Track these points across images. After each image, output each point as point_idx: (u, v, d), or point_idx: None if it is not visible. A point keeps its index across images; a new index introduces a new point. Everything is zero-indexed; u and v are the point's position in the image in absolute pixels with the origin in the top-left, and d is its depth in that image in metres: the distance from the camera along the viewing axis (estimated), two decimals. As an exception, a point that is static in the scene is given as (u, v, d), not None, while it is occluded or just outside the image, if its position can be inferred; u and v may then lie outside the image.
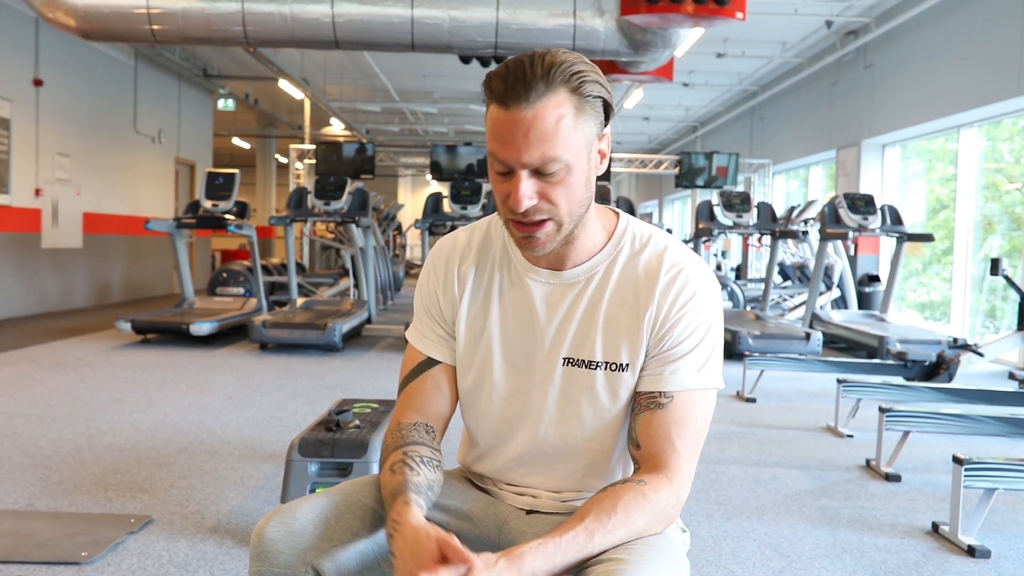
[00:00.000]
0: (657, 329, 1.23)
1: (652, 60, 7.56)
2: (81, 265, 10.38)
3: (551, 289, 1.28)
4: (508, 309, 1.31)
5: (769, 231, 8.86)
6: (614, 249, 1.28)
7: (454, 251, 1.36)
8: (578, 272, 1.27)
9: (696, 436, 1.23)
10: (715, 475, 3.52)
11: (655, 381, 1.23)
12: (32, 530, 2.62)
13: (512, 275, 1.31)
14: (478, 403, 1.34)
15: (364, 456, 2.49)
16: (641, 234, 1.30)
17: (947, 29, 8.35)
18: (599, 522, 1.11)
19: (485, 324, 1.32)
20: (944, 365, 5.54)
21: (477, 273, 1.34)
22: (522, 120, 1.11)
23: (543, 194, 1.16)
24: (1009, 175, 8.46)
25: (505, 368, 1.31)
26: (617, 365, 1.25)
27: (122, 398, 4.79)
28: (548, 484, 1.32)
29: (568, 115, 1.13)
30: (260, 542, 1.18)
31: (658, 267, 1.25)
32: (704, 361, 1.23)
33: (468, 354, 1.33)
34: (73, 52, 9.89)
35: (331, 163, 11.58)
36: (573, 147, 1.14)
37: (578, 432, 1.28)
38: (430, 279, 1.37)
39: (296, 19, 6.81)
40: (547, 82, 1.11)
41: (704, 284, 1.25)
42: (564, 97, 1.12)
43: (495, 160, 1.16)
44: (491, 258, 1.34)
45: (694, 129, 17.95)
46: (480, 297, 1.33)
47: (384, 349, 7.17)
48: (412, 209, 23.29)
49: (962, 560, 2.64)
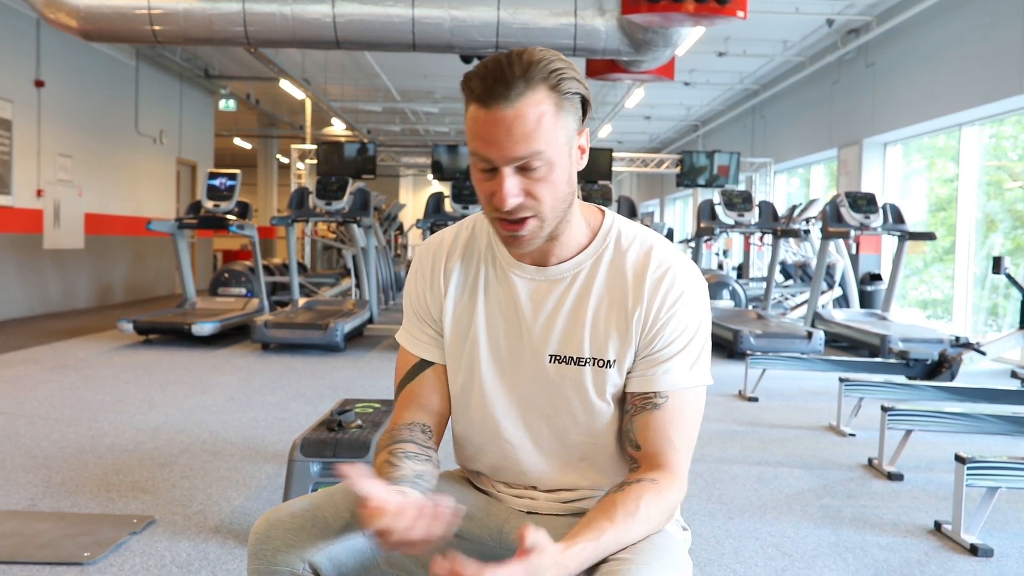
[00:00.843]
0: (647, 329, 1.24)
1: (653, 59, 7.56)
2: (83, 266, 10.39)
3: (536, 285, 1.29)
4: (494, 306, 1.31)
5: (771, 230, 8.86)
6: (600, 246, 1.28)
7: (440, 249, 1.37)
8: (563, 268, 1.28)
9: (692, 433, 1.25)
10: (717, 474, 3.52)
11: (648, 382, 1.24)
12: (35, 530, 2.62)
13: (497, 271, 1.32)
14: (469, 401, 1.34)
15: (366, 456, 2.49)
16: (627, 232, 1.30)
17: (948, 27, 8.35)
18: (626, 523, 1.12)
19: (471, 321, 1.32)
20: (946, 364, 5.53)
21: (462, 270, 1.34)
22: (503, 119, 1.12)
23: (527, 191, 1.17)
24: (1012, 172, 8.45)
25: (493, 366, 1.31)
26: (604, 362, 1.25)
27: (124, 399, 4.79)
28: (543, 483, 1.32)
29: (548, 112, 1.14)
30: (258, 540, 1.19)
31: (645, 265, 1.26)
32: (695, 359, 1.24)
33: (456, 353, 1.33)
34: (74, 53, 9.89)
35: (332, 163, 11.57)
36: (554, 143, 1.15)
37: (569, 428, 1.28)
38: (417, 279, 1.37)
39: (297, 19, 6.81)
40: (526, 80, 1.12)
41: (692, 282, 1.26)
42: (544, 95, 1.13)
43: (478, 159, 1.17)
44: (476, 255, 1.34)
45: (695, 128, 17.94)
46: (466, 294, 1.33)
47: (386, 349, 7.17)
48: (413, 209, 23.28)
49: (965, 559, 2.64)
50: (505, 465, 1.33)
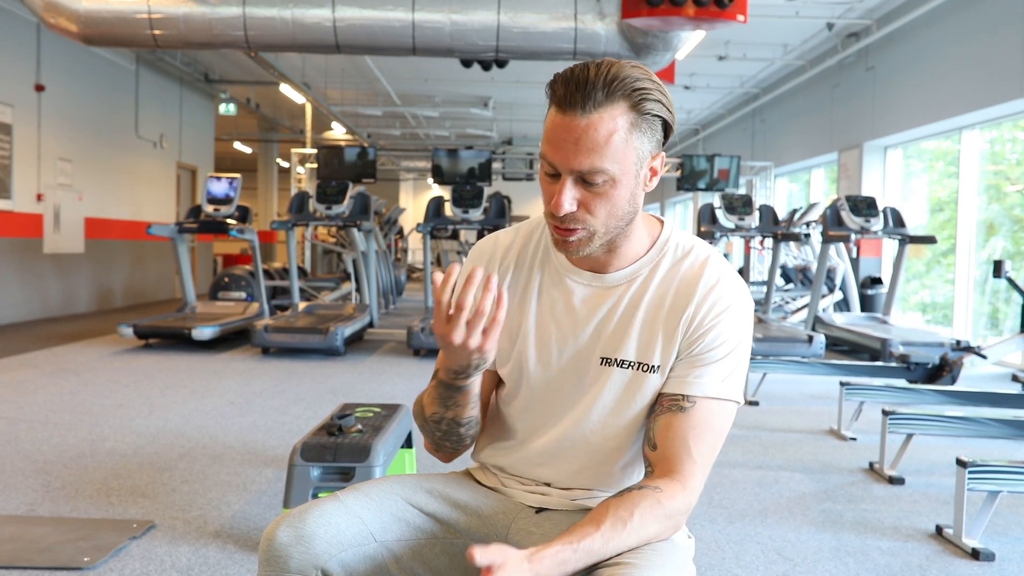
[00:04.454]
0: (691, 332, 1.24)
1: (653, 63, 7.56)
2: (83, 270, 10.39)
3: (592, 291, 1.30)
4: (546, 308, 1.32)
5: (771, 234, 8.85)
6: (657, 255, 1.29)
7: (496, 250, 1.38)
8: (620, 276, 1.29)
9: (712, 446, 1.23)
10: (718, 478, 3.51)
11: (680, 384, 1.24)
12: (34, 535, 2.62)
13: (552, 275, 1.33)
14: (514, 398, 1.35)
15: (366, 460, 2.49)
16: (684, 243, 1.31)
17: (949, 31, 8.35)
18: (615, 530, 1.12)
19: (522, 321, 1.33)
20: (947, 368, 5.52)
21: (515, 271, 1.35)
22: (575, 127, 1.12)
23: (584, 203, 1.17)
24: (1011, 177, 8.45)
25: (539, 365, 1.31)
26: (649, 366, 1.26)
27: (124, 403, 4.79)
28: (561, 480, 1.33)
29: (622, 129, 1.13)
30: (270, 547, 1.18)
31: (700, 274, 1.26)
32: (729, 373, 1.24)
33: (504, 350, 1.34)
34: (75, 57, 9.90)
35: (332, 167, 11.57)
36: (622, 161, 1.15)
37: (602, 429, 1.29)
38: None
39: (297, 23, 6.81)
40: (607, 93, 1.12)
41: (740, 299, 1.26)
42: (621, 111, 1.13)
43: (545, 161, 1.18)
44: (530, 258, 1.36)
45: (696, 132, 17.96)
46: (517, 295, 1.34)
47: (386, 353, 7.16)
48: (414, 213, 23.25)
49: (966, 563, 2.63)
50: (533, 459, 1.34)
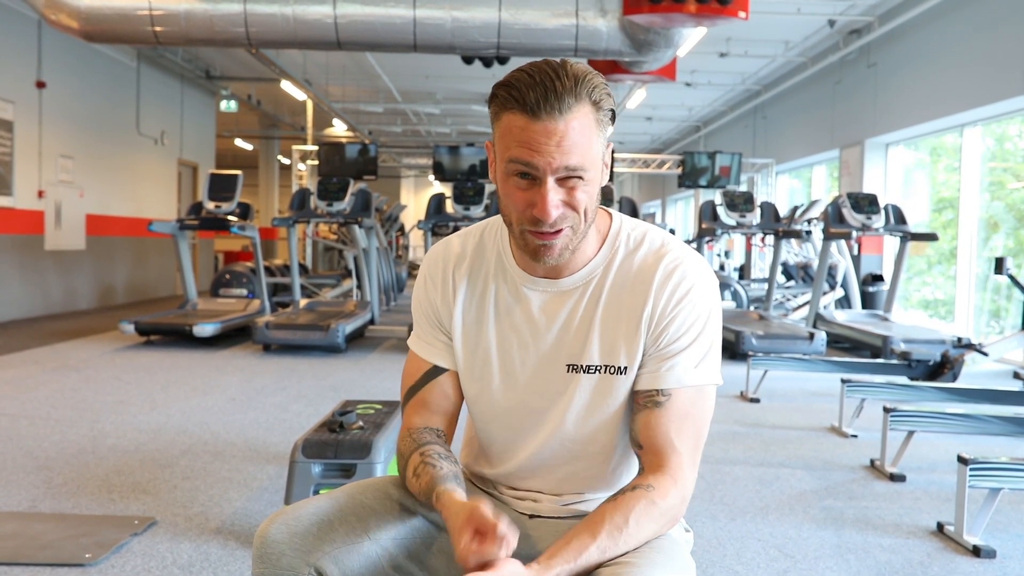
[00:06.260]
0: (654, 326, 1.23)
1: (655, 60, 7.56)
2: (84, 267, 10.39)
3: (549, 298, 1.28)
4: (505, 320, 1.30)
5: (772, 231, 8.85)
6: (610, 251, 1.28)
7: (448, 258, 1.36)
8: (575, 279, 1.27)
9: (696, 433, 1.23)
10: (719, 475, 3.52)
11: (652, 379, 1.23)
12: (36, 532, 2.62)
13: (508, 285, 1.31)
14: (484, 413, 1.34)
15: (368, 457, 2.49)
16: (635, 232, 1.30)
17: (950, 28, 8.34)
18: (612, 539, 1.12)
19: (481, 336, 1.31)
20: (948, 365, 5.52)
21: (470, 281, 1.34)
22: (555, 130, 1.13)
23: (566, 202, 1.17)
24: (1015, 173, 8.44)
25: (504, 380, 1.30)
26: (616, 368, 1.25)
27: (125, 400, 4.79)
28: (550, 488, 1.32)
29: (591, 126, 1.16)
30: (263, 544, 1.19)
31: (655, 264, 1.25)
32: (702, 357, 1.23)
33: (468, 366, 1.33)
34: (76, 54, 9.90)
35: (334, 164, 11.58)
36: (593, 157, 1.17)
37: (580, 436, 1.28)
38: (427, 286, 1.37)
39: (298, 20, 6.81)
40: (576, 95, 1.13)
41: (701, 279, 1.25)
42: (588, 110, 1.15)
43: (518, 166, 1.16)
44: (485, 267, 1.34)
45: (697, 129, 17.93)
46: (474, 307, 1.33)
47: (387, 350, 7.17)
48: (415, 210, 23.26)
49: (967, 560, 2.63)
50: (513, 470, 1.33)
